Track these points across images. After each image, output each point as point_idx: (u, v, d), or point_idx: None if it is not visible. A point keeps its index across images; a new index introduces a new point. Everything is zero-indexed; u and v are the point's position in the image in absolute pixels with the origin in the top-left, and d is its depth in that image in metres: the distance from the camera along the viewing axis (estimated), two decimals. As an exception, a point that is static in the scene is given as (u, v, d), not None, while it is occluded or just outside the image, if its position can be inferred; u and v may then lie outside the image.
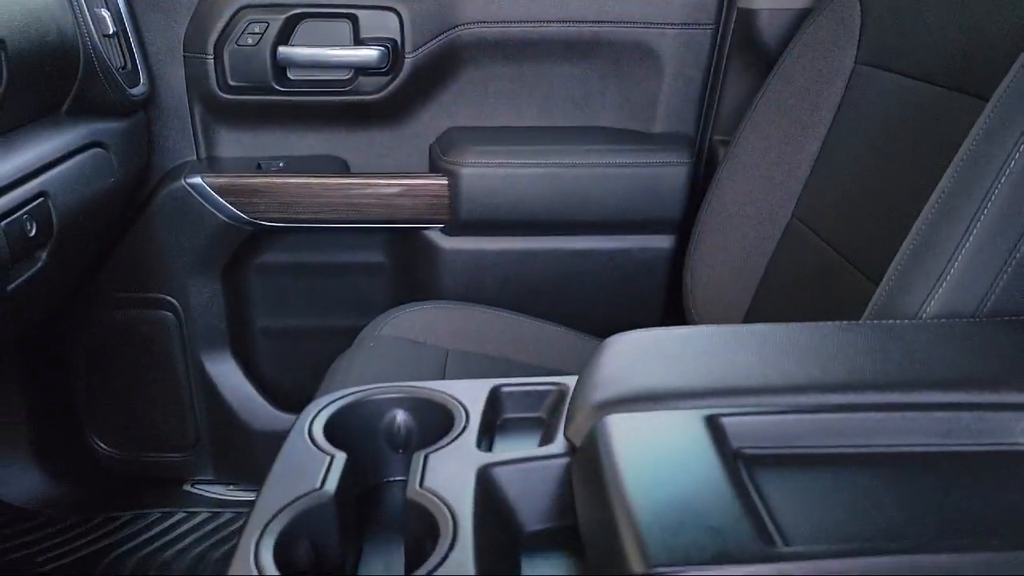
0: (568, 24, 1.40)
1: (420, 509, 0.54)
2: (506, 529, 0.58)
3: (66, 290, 1.38)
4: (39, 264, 1.04)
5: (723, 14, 1.38)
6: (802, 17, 1.28)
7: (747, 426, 0.57)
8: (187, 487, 1.59)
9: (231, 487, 1.59)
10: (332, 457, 0.59)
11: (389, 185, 1.42)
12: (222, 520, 1.52)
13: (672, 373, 0.62)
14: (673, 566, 0.44)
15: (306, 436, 0.62)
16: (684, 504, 0.49)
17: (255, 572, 0.48)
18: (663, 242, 1.47)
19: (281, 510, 0.53)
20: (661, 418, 0.58)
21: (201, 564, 1.42)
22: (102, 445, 1.56)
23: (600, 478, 0.53)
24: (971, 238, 0.72)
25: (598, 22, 1.40)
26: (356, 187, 1.42)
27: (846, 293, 1.00)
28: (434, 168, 1.45)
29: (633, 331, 0.69)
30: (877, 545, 0.46)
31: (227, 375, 1.53)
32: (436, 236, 1.44)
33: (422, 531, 0.54)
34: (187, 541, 1.47)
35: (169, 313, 1.47)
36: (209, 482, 1.59)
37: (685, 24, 1.40)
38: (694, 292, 1.32)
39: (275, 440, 0.64)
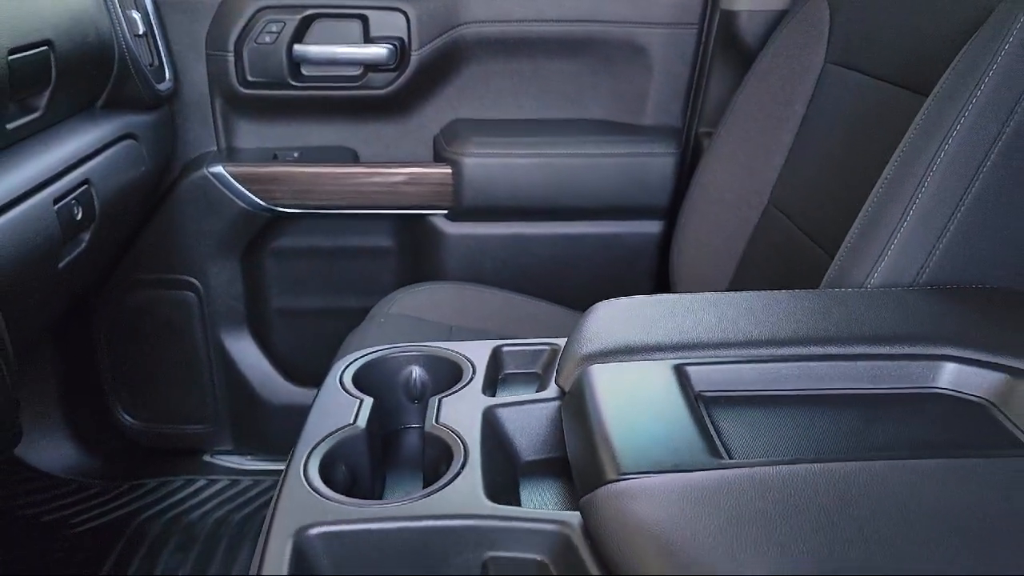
0: (563, 23, 1.51)
1: (436, 440, 0.66)
2: (507, 458, 0.69)
3: (102, 270, 1.48)
4: (83, 245, 1.14)
5: (707, 14, 1.48)
6: (779, 18, 1.38)
7: (708, 373, 0.69)
8: (207, 457, 1.69)
9: (248, 457, 1.69)
10: (361, 401, 0.70)
11: (396, 174, 1.52)
12: (241, 487, 1.63)
13: (646, 331, 0.73)
14: (638, 473, 0.55)
15: (338, 384, 0.73)
16: (651, 432, 0.60)
17: (306, 484, 0.59)
18: (652, 227, 1.57)
19: (323, 439, 0.64)
20: (636, 367, 0.69)
21: (223, 526, 1.53)
22: (128, 417, 1.67)
23: (585, 415, 0.64)
24: (908, 219, 0.83)
25: (591, 21, 1.51)
26: (365, 176, 1.52)
27: (810, 269, 1.10)
28: (438, 158, 1.55)
29: (614, 299, 0.80)
30: (803, 457, 0.57)
31: (244, 352, 1.64)
32: (440, 222, 1.55)
33: (438, 458, 0.65)
34: (209, 505, 1.58)
35: (191, 294, 1.58)
36: (228, 452, 1.70)
37: (672, 23, 1.50)
38: (679, 272, 1.43)
39: (290, 413, 0.71)
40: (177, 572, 1.41)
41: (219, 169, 1.48)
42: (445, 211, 1.54)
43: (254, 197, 1.50)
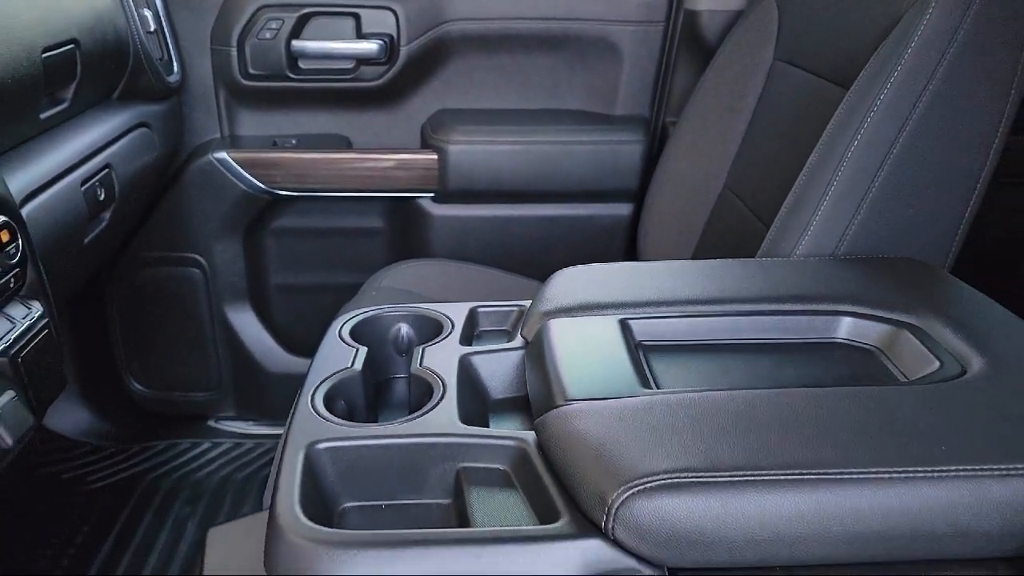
0: (540, 20, 1.63)
1: (420, 379, 0.79)
2: (479, 396, 0.82)
3: (118, 246, 1.61)
4: (104, 223, 1.27)
5: (672, 13, 1.61)
6: (736, 17, 1.51)
7: (647, 326, 0.82)
8: (211, 422, 1.82)
9: (250, 422, 1.82)
10: (357, 350, 0.84)
11: (386, 159, 1.65)
12: (243, 449, 1.76)
13: (598, 292, 0.87)
14: (580, 399, 0.68)
15: (337, 336, 0.86)
16: (595, 370, 0.74)
17: (313, 412, 0.72)
18: (622, 209, 1.70)
19: (326, 379, 0.78)
20: (587, 321, 0.82)
21: (228, 483, 1.66)
22: (138, 385, 1.80)
23: (542, 358, 0.78)
24: (827, 199, 0.97)
25: (566, 19, 1.63)
26: (358, 161, 1.64)
27: (756, 245, 1.24)
28: (425, 145, 1.67)
29: (573, 267, 0.94)
30: (717, 387, 0.71)
31: (246, 325, 1.76)
32: (427, 204, 1.67)
33: (421, 394, 0.78)
34: (214, 466, 1.71)
35: (196, 270, 1.70)
36: (231, 418, 1.83)
37: (641, 21, 1.62)
38: (645, 250, 1.57)
39: (288, 381, 0.81)
40: (186, 524, 1.55)
41: (223, 155, 1.60)
42: (432, 194, 1.66)
43: (255, 181, 1.62)
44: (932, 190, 0.97)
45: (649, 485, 0.58)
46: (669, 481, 0.58)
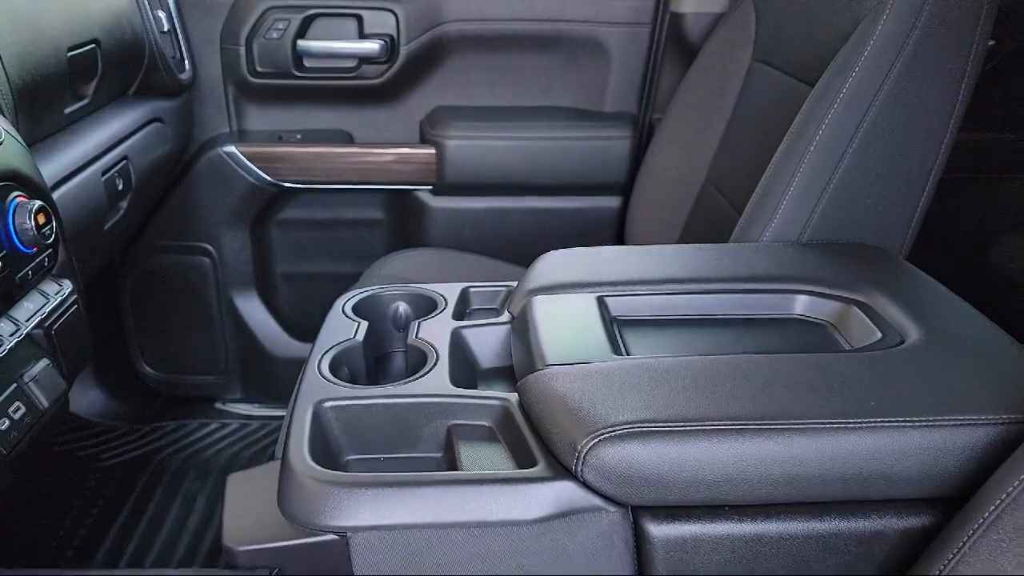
0: (534, 21, 1.71)
1: (415, 349, 0.88)
2: (469, 365, 0.91)
3: (133, 234, 1.69)
4: (122, 212, 1.35)
5: (659, 15, 1.69)
6: (718, 20, 1.60)
7: (623, 302, 0.91)
8: (219, 404, 1.91)
9: (256, 405, 1.91)
10: (359, 323, 0.92)
11: (386, 154, 1.73)
12: (250, 429, 1.85)
13: (579, 273, 0.95)
14: (558, 363, 0.77)
15: (341, 311, 0.95)
16: (573, 340, 0.82)
17: (320, 375, 0.81)
18: (611, 202, 1.78)
19: (331, 348, 0.86)
20: (568, 298, 0.91)
21: (235, 460, 1.75)
22: (149, 368, 1.88)
23: (526, 331, 0.86)
24: (791, 191, 1.05)
25: (559, 20, 1.71)
26: (359, 155, 1.73)
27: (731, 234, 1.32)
28: (424, 140, 1.76)
29: (557, 250, 1.02)
30: (683, 354, 0.79)
31: (252, 311, 1.85)
32: (425, 196, 1.76)
33: (417, 362, 0.87)
34: (222, 444, 1.80)
35: (206, 259, 1.79)
36: (237, 400, 1.92)
37: (629, 23, 1.71)
38: (632, 241, 1.65)
39: (292, 364, 0.89)
40: (195, 498, 1.63)
41: (231, 149, 1.69)
42: (430, 187, 1.75)
43: (262, 174, 1.70)
44: (888, 182, 1.05)
45: (614, 433, 0.66)
46: (631, 430, 0.66)
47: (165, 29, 1.53)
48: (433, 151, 1.71)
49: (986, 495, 0.58)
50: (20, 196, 0.86)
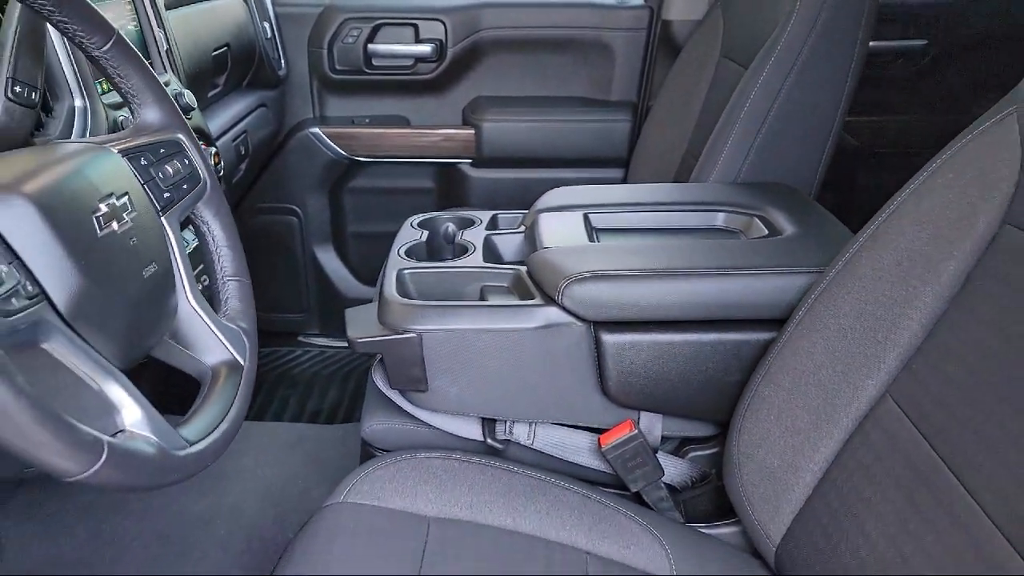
0: (554, 28, 2.13)
1: (460, 246, 1.32)
2: (496, 259, 1.35)
3: (241, 195, 2.16)
4: (241, 173, 1.82)
5: (653, 23, 2.11)
6: (697, 25, 2.01)
7: (602, 218, 1.33)
8: (301, 337, 2.37)
9: (330, 338, 2.37)
10: (422, 232, 1.37)
11: (436, 134, 2.16)
12: (326, 356, 2.30)
13: (572, 199, 1.38)
14: (550, 247, 1.20)
15: (411, 225, 1.39)
16: (564, 237, 1.25)
17: (399, 256, 1.25)
18: (615, 173, 2.19)
19: (404, 243, 1.30)
20: (563, 215, 1.34)
21: (315, 377, 2.20)
22: (245, 308, 2.34)
23: (534, 235, 1.29)
24: (727, 145, 1.47)
25: (573, 27, 2.13)
26: (415, 136, 2.17)
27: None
28: (465, 123, 2.18)
29: (559, 187, 1.45)
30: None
31: (329, 261, 2.30)
32: (466, 168, 2.19)
33: (461, 253, 1.31)
34: (305, 366, 2.26)
35: (294, 218, 2.24)
36: (316, 335, 2.37)
37: (629, 29, 2.12)
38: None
39: (360, 304, 1.30)
40: (288, 401, 2.09)
41: (315, 130, 2.14)
42: (470, 160, 2.17)
43: (339, 149, 2.15)
44: (799, 139, 1.47)
45: (583, 276, 1.09)
46: (593, 274, 1.09)
47: (268, 36, 1.99)
48: (473, 132, 2.13)
49: (795, 315, 1.00)
50: (204, 144, 1.31)
